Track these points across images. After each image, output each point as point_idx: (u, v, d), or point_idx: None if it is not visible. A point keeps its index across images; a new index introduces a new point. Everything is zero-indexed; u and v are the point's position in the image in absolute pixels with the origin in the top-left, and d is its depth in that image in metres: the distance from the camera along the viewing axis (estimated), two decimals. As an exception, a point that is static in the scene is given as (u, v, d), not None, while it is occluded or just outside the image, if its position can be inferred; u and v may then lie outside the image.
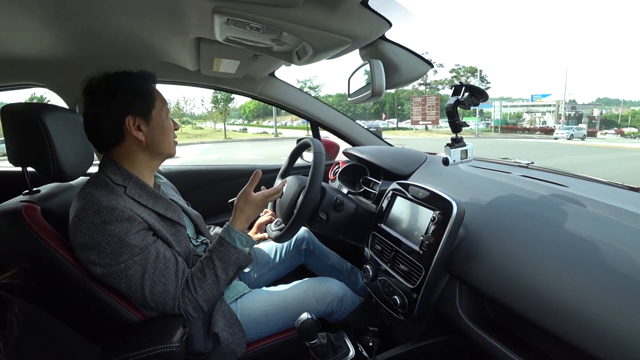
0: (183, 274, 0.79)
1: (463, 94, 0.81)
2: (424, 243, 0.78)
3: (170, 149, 0.87)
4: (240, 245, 0.85)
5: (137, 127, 0.79)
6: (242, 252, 0.85)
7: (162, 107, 0.84)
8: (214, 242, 0.86)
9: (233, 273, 0.84)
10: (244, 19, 0.68)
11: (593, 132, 36.64)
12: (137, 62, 1.16)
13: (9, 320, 0.38)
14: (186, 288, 0.78)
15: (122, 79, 0.79)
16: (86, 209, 0.70)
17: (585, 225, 0.65)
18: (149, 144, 0.82)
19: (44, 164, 0.77)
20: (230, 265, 0.83)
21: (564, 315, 0.54)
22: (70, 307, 0.74)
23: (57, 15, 0.78)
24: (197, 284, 0.79)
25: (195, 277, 0.80)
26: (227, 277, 0.83)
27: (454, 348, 0.83)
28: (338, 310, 1.01)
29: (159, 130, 0.82)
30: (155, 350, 0.67)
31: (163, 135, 0.83)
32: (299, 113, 1.57)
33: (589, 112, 51.52)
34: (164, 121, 0.83)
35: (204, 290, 0.79)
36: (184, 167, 1.57)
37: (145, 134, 0.80)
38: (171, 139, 0.86)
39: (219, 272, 0.81)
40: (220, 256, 0.83)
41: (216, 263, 0.82)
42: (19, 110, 0.77)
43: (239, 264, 0.84)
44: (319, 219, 0.98)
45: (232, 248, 0.84)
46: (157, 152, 0.85)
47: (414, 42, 0.85)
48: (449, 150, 0.84)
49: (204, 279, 0.80)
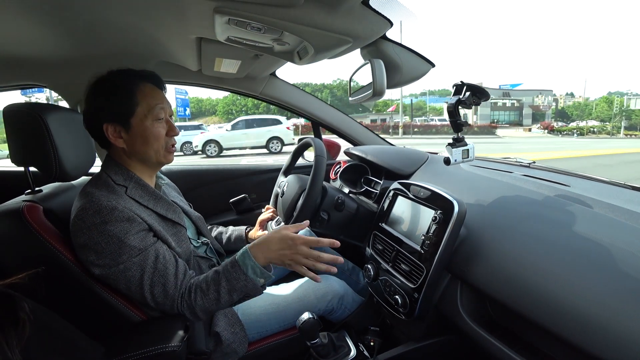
0: (184, 275, 0.79)
1: (464, 93, 0.81)
2: (425, 243, 0.78)
3: (158, 157, 0.81)
4: (253, 275, 0.75)
5: (118, 133, 0.77)
6: (252, 281, 0.75)
7: (146, 114, 0.78)
8: (227, 261, 0.78)
9: (238, 298, 0.76)
10: (245, 19, 0.68)
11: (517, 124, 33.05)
12: (138, 61, 1.16)
13: (21, 318, 0.38)
14: (187, 293, 0.76)
15: (105, 82, 0.77)
16: (86, 209, 0.71)
17: (587, 225, 0.65)
18: (131, 153, 0.80)
19: (46, 163, 0.77)
20: (236, 290, 0.75)
21: (565, 315, 0.53)
22: (72, 306, 0.74)
23: (59, 15, 0.78)
24: (198, 295, 0.75)
25: (199, 288, 0.76)
26: (230, 300, 0.76)
27: (455, 348, 0.83)
28: (339, 308, 1.01)
29: (140, 139, 0.78)
30: (157, 349, 0.67)
31: (145, 145, 0.79)
32: (300, 112, 1.57)
33: (529, 100, 46.17)
34: (146, 130, 0.78)
35: (204, 302, 0.75)
36: (185, 167, 1.57)
37: (126, 141, 0.78)
38: (158, 146, 0.80)
39: (222, 292, 0.75)
40: (229, 278, 0.75)
41: (222, 283, 0.75)
42: (21, 110, 0.77)
43: (247, 292, 0.76)
44: (320, 218, 0.98)
45: (242, 274, 0.75)
46: (142, 160, 0.82)
47: (414, 41, 0.85)
48: (450, 150, 0.84)
49: (207, 293, 0.75)
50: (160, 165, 0.85)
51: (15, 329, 0.37)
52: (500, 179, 0.94)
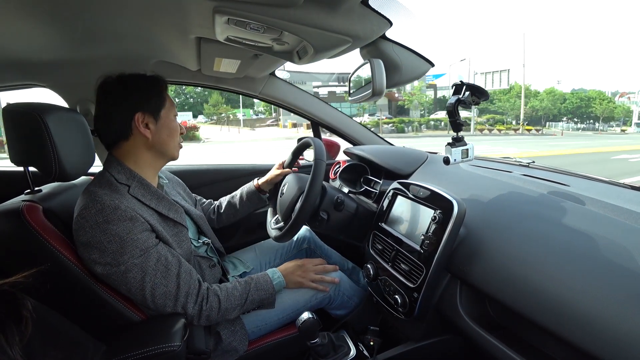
0: (189, 275, 0.79)
1: (464, 92, 0.81)
2: (424, 242, 0.78)
3: (174, 151, 0.89)
4: (278, 287, 0.92)
5: (145, 124, 0.82)
6: (274, 295, 0.91)
7: (170, 109, 0.87)
8: (259, 274, 0.93)
9: (251, 308, 0.89)
10: (245, 19, 0.68)
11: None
12: (138, 61, 1.16)
13: (24, 316, 0.39)
14: (199, 295, 0.80)
15: (136, 79, 0.83)
16: (89, 208, 0.71)
17: (586, 224, 0.65)
18: (155, 143, 0.84)
19: (45, 163, 0.77)
20: (257, 301, 0.88)
21: (564, 314, 0.53)
22: (72, 306, 0.74)
23: (58, 15, 0.78)
24: (214, 300, 0.81)
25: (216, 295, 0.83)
26: (245, 309, 0.87)
27: (455, 347, 0.83)
28: (337, 295, 1.02)
29: (166, 130, 0.85)
30: (158, 349, 0.67)
31: (169, 137, 0.86)
32: (300, 112, 1.57)
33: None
34: (171, 122, 0.87)
35: (221, 306, 0.82)
36: (186, 166, 1.57)
37: (152, 132, 0.83)
38: (177, 141, 0.89)
39: (249, 299, 0.86)
40: (258, 287, 0.88)
41: (251, 291, 0.87)
42: (21, 110, 0.77)
43: (262, 303, 0.90)
44: (319, 218, 0.98)
45: (271, 286, 0.90)
46: (161, 153, 0.87)
47: (414, 40, 0.85)
48: (449, 150, 0.84)
49: (229, 299, 0.83)
50: (171, 159, 0.91)
51: (17, 327, 0.38)
52: (499, 179, 0.94)
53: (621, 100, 44.46)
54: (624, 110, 39.41)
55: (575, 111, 39.06)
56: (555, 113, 36.97)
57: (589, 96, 39.84)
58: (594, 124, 38.99)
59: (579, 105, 38.57)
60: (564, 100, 38.86)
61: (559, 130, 33.03)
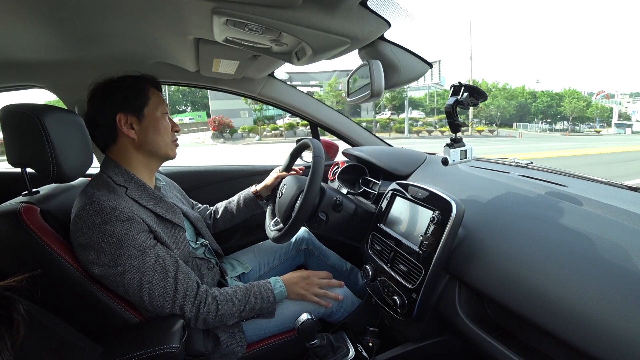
0: (187, 277, 0.79)
1: (462, 94, 0.82)
2: (423, 243, 0.78)
3: (167, 149, 0.87)
4: (279, 296, 0.90)
5: (129, 125, 0.81)
6: (274, 304, 0.88)
7: (157, 107, 0.85)
8: (261, 281, 0.90)
9: (250, 316, 0.87)
10: (243, 20, 0.68)
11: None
12: (136, 62, 1.16)
13: (15, 320, 0.38)
14: (197, 298, 0.79)
15: (120, 80, 0.82)
16: (87, 209, 0.71)
17: (584, 225, 0.65)
18: (142, 143, 0.83)
19: (43, 165, 0.76)
20: (256, 309, 0.86)
21: (563, 315, 0.54)
22: (70, 308, 0.74)
23: (56, 16, 0.78)
24: (212, 305, 0.80)
25: (215, 298, 0.82)
26: (244, 316, 0.86)
27: (454, 348, 0.83)
28: (338, 310, 1.01)
29: (152, 129, 0.83)
30: (156, 351, 0.67)
31: (157, 135, 0.84)
32: (298, 113, 1.57)
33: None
34: (158, 121, 0.84)
35: (218, 311, 0.81)
36: (185, 167, 1.57)
37: (137, 132, 0.82)
38: (167, 139, 0.86)
39: (247, 306, 0.84)
40: (259, 295, 0.87)
41: (251, 298, 0.85)
42: (19, 111, 0.77)
43: (261, 312, 0.88)
44: (318, 219, 0.98)
45: (271, 294, 0.88)
46: (151, 152, 0.85)
47: (413, 42, 0.85)
48: (448, 151, 0.85)
49: (227, 304, 0.82)
50: (165, 158, 0.89)
51: (9, 331, 0.37)
52: (498, 180, 0.95)
53: (598, 99, 41.58)
54: (597, 109, 36.81)
55: (547, 111, 36.78)
56: (512, 112, 33.65)
57: (560, 95, 37.29)
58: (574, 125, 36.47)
59: (549, 104, 36.31)
60: (535, 98, 36.62)
61: (521, 131, 30.87)
